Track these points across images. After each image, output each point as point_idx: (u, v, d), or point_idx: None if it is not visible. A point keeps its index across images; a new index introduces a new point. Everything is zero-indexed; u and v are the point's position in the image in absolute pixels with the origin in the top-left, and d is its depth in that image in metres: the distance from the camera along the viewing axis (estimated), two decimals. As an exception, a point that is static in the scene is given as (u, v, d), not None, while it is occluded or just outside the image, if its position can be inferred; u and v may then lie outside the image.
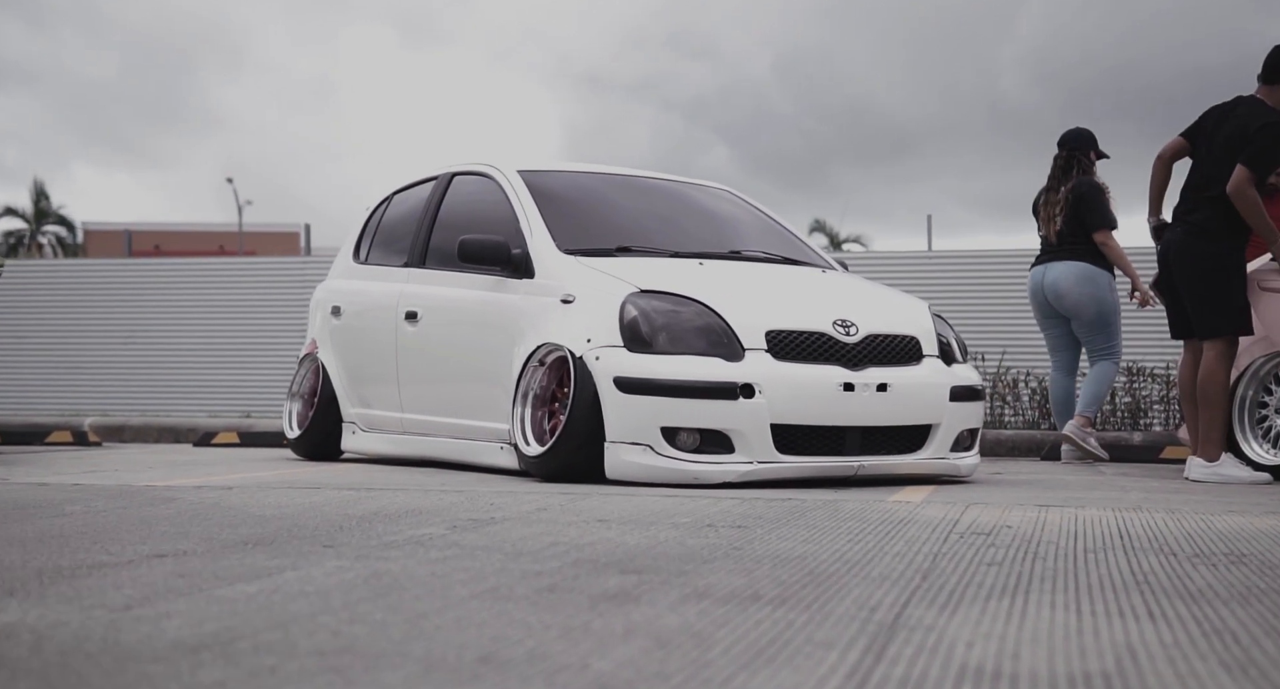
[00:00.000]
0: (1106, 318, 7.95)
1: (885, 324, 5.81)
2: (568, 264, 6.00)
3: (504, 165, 6.69)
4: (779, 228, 6.99)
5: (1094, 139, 8.21)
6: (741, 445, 5.41)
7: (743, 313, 5.57)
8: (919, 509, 4.51)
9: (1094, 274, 7.90)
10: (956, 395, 5.86)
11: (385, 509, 4.32)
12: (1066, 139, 8.20)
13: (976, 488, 5.66)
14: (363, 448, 7.26)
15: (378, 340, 7.08)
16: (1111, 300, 7.96)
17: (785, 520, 4.08)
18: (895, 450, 5.74)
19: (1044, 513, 4.39)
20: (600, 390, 5.48)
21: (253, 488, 5.22)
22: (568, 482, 5.62)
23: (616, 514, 4.21)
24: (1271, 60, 6.31)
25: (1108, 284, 7.92)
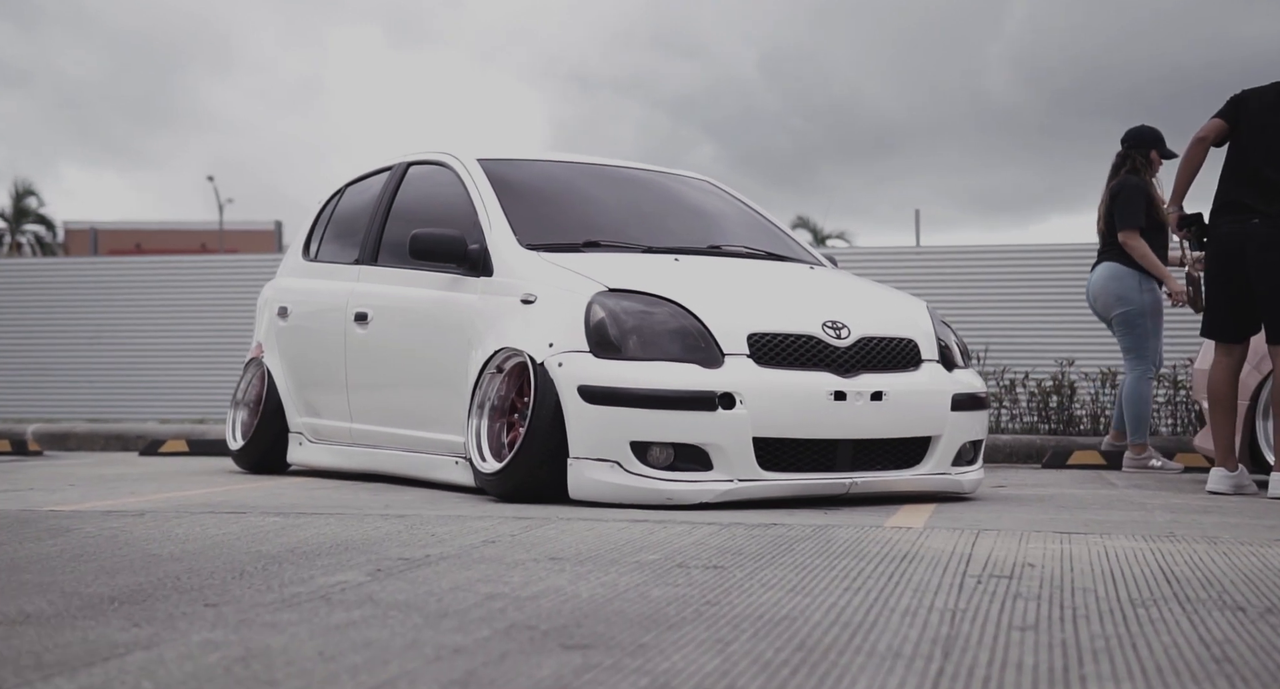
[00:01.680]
0: (1131, 320, 7.47)
1: (880, 326, 5.24)
2: (529, 260, 5.41)
3: (463, 153, 6.10)
4: (763, 221, 6.41)
5: (1155, 138, 7.70)
6: (720, 461, 4.83)
7: (722, 314, 4.99)
8: (923, 538, 3.94)
9: (1122, 274, 7.48)
10: (959, 404, 5.29)
11: (306, 543, 3.73)
12: (1125, 137, 7.77)
13: (982, 507, 5.09)
14: (310, 460, 6.67)
15: (326, 344, 6.49)
16: (1140, 301, 7.46)
17: (769, 556, 3.50)
18: (891, 465, 5.16)
19: (1067, 544, 3.82)
20: (563, 400, 4.90)
21: (169, 513, 4.63)
22: (527, 501, 5.03)
23: (574, 549, 3.63)
24: None
25: (1136, 285, 7.46)
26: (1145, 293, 7.45)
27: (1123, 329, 7.52)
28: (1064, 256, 10.52)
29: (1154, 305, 7.46)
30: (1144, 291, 7.45)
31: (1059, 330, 10.43)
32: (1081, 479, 6.86)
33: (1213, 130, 5.92)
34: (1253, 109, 5.89)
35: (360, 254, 6.45)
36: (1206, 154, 5.99)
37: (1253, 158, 5.84)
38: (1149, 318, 7.46)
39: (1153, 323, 7.48)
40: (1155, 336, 7.51)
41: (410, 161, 6.45)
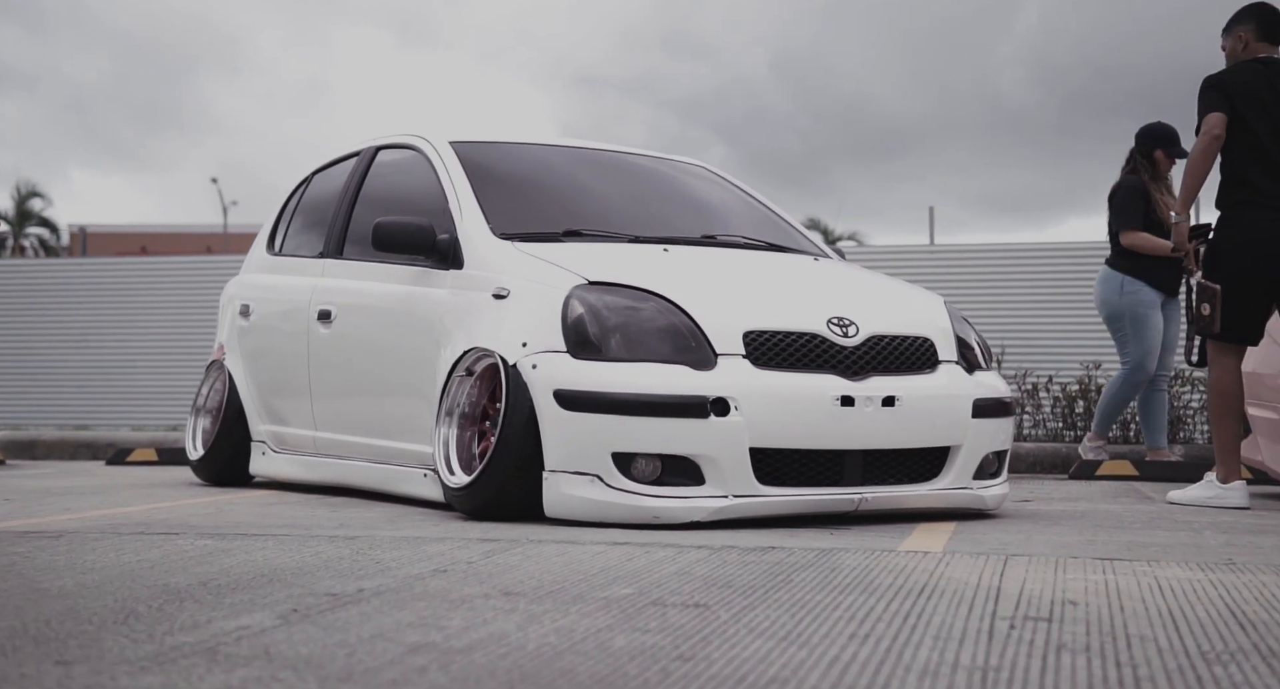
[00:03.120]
0: (1111, 322, 7.41)
1: (892, 323, 4.71)
2: (502, 251, 4.89)
3: (434, 136, 5.58)
4: (764, 210, 5.89)
5: (1161, 136, 7.40)
6: (713, 475, 4.30)
7: (715, 310, 4.47)
8: (942, 566, 3.41)
9: (1107, 276, 7.38)
10: (981, 410, 4.76)
11: (227, 574, 3.21)
12: (1136, 135, 7.50)
13: (1008, 527, 4.56)
14: (273, 472, 6.15)
15: (288, 345, 5.98)
16: (1117, 304, 7.32)
17: (763, 590, 2.97)
18: (905, 479, 4.63)
19: (1111, 574, 3.29)
20: (537, 406, 4.38)
21: (92, 535, 4.11)
22: (498, 519, 4.51)
23: (535, 580, 3.11)
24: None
25: (1117, 287, 7.32)
26: (1125, 296, 7.32)
27: (1110, 331, 7.51)
28: (1086, 254, 9.99)
29: (1133, 308, 7.30)
30: (1124, 295, 7.32)
31: (1083, 332, 9.90)
32: (1114, 492, 6.31)
33: (1221, 124, 5.44)
34: (1241, 93, 5.47)
35: (325, 247, 5.94)
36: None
37: (1267, 143, 5.43)
38: (1127, 321, 7.32)
39: (1132, 327, 7.31)
40: (1138, 341, 7.31)
41: (379, 145, 5.94)
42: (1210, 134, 5.40)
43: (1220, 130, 5.41)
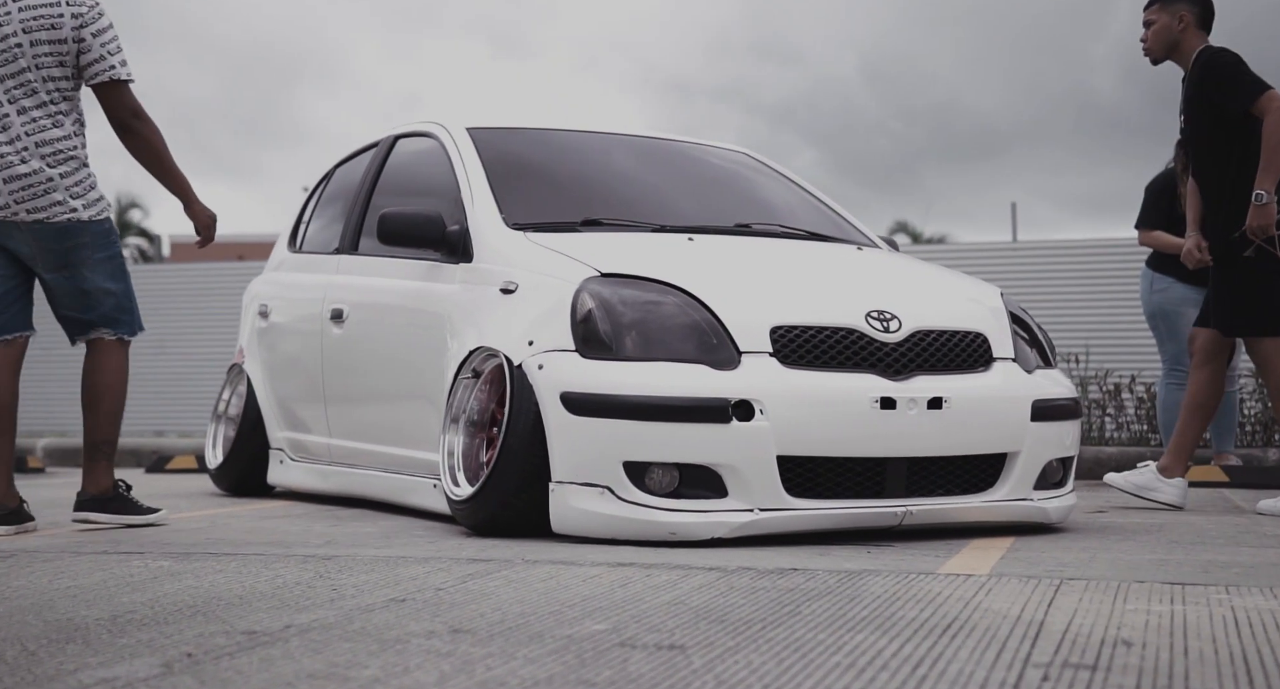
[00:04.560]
0: (1150, 321, 7.06)
1: (940, 316, 4.23)
2: (512, 242, 4.47)
3: (451, 123, 5.18)
4: (807, 197, 5.41)
5: None
6: (736, 486, 3.85)
7: (739, 303, 4.02)
8: (983, 593, 2.93)
9: (1143, 273, 7.07)
10: (1042, 413, 4.26)
11: (149, 605, 2.83)
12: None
13: (1072, 542, 4.05)
14: (290, 481, 5.79)
15: (304, 347, 5.61)
16: (1149, 302, 6.98)
17: (759, 626, 2.52)
18: (955, 489, 4.14)
19: (1180, 604, 2.79)
20: (544, 411, 3.96)
21: (45, 554, 3.76)
22: (503, 534, 4.10)
23: (498, 613, 2.68)
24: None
25: (1148, 286, 6.99)
26: (1155, 294, 6.95)
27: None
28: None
29: (1163, 306, 6.91)
30: (1154, 292, 6.95)
31: (1170, 329, 9.27)
32: (1201, 501, 5.74)
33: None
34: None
35: (340, 242, 5.56)
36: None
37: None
38: (1158, 320, 6.95)
39: (1165, 324, 6.93)
40: (1172, 339, 6.92)
41: (398, 134, 5.55)
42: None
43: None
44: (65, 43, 4.33)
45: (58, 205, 4.34)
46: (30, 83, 4.32)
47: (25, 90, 4.32)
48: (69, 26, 4.33)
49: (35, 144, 4.31)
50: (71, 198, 4.36)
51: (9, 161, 4.31)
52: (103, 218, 4.41)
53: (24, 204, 4.33)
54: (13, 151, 4.31)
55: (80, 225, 4.38)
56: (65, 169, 4.35)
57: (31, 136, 4.31)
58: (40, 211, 4.33)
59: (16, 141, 4.31)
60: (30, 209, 4.33)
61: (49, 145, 4.33)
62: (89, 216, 4.40)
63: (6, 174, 4.30)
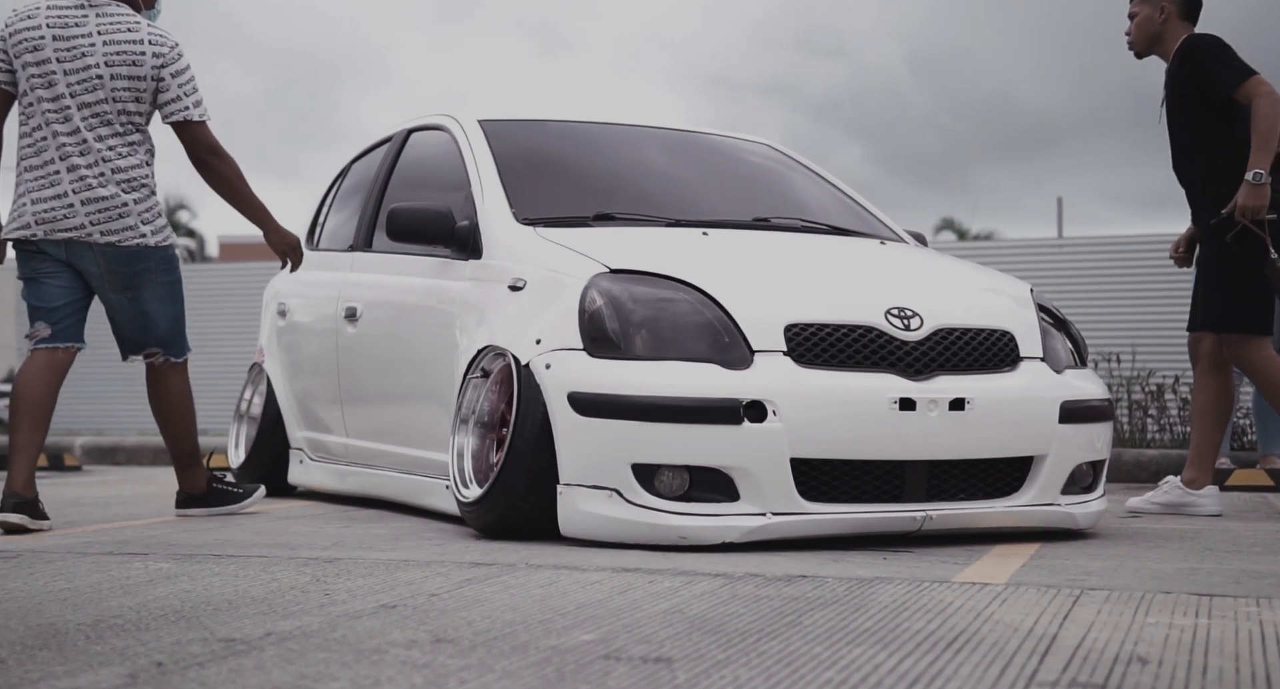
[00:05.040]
0: None
1: (964, 313, 4.10)
2: (522, 237, 4.38)
3: (463, 115, 5.09)
4: (832, 190, 5.28)
5: None
6: (748, 490, 3.74)
7: (753, 299, 3.90)
8: (997, 603, 2.81)
9: None
10: (1071, 415, 4.12)
11: (135, 609, 2.75)
12: None
13: (1099, 549, 3.92)
14: (309, 482, 5.72)
15: (319, 346, 5.54)
16: None
17: (755, 637, 2.42)
18: (980, 494, 4.01)
19: (1205, 618, 2.66)
20: (551, 411, 3.86)
21: (50, 555, 3.70)
22: (511, 538, 4.00)
23: (488, 621, 2.58)
24: None
25: None
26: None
27: None
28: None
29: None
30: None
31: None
32: (1243, 506, 5.57)
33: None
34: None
35: (355, 238, 5.49)
36: None
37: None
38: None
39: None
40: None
41: (411, 128, 5.46)
42: (1275, 92, 4.79)
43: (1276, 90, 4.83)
44: (144, 80, 4.48)
45: (129, 230, 4.50)
46: (106, 114, 4.46)
47: (101, 119, 4.46)
48: (149, 65, 4.47)
49: (112, 170, 4.46)
50: (142, 224, 4.51)
51: (89, 184, 4.44)
52: (167, 244, 4.60)
53: (98, 226, 4.46)
54: (92, 175, 4.44)
55: (148, 250, 4.54)
56: (138, 195, 4.50)
57: (109, 162, 4.46)
58: (113, 234, 4.48)
59: (95, 166, 4.44)
60: (104, 231, 4.47)
61: (123, 172, 4.48)
62: (156, 242, 4.56)
63: (85, 196, 4.44)
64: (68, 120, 4.43)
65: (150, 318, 4.63)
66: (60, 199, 4.43)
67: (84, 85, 4.44)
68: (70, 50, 4.44)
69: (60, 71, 4.43)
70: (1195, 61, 4.90)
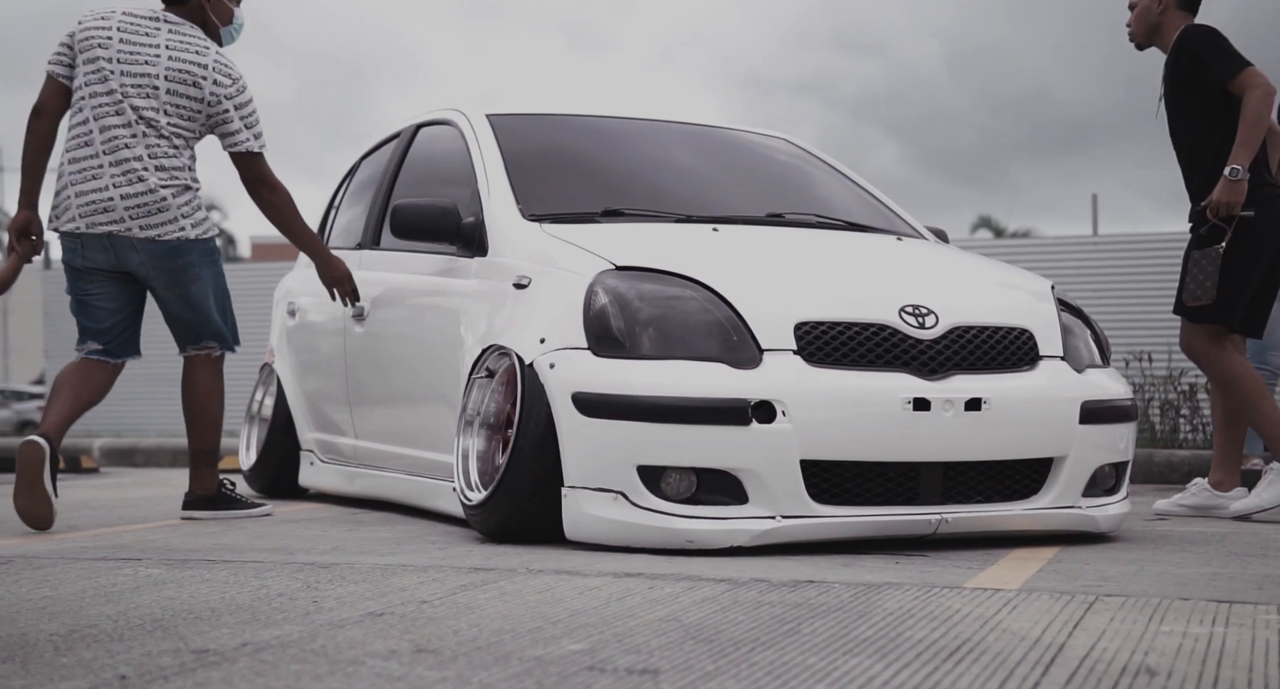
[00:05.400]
0: None
1: (981, 311, 3.98)
2: (528, 234, 4.29)
3: (471, 109, 5.01)
4: (850, 186, 5.17)
5: None
6: (758, 492, 3.64)
7: (762, 297, 3.80)
8: (1006, 610, 2.70)
9: None
10: (1092, 415, 4.00)
11: (111, 619, 2.67)
12: None
13: (1120, 553, 3.80)
14: (320, 484, 5.65)
15: (329, 346, 5.47)
16: None
17: (749, 647, 2.32)
18: (997, 496, 3.90)
19: (1222, 626, 2.55)
20: (555, 412, 3.77)
21: (40, 560, 3.63)
22: (516, 541, 3.91)
23: (475, 630, 2.49)
24: None
25: None
26: None
27: None
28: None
29: None
30: None
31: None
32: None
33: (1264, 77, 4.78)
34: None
35: (362, 236, 5.41)
36: None
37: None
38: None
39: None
40: None
41: (420, 123, 5.39)
42: (1270, 86, 4.71)
43: (1270, 85, 4.73)
44: (200, 101, 4.57)
45: (169, 224, 4.54)
46: (155, 121, 4.52)
47: (148, 123, 4.52)
48: (208, 90, 4.56)
49: (155, 167, 4.51)
50: (182, 217, 4.55)
51: (129, 178, 4.49)
52: (209, 237, 4.63)
53: (137, 220, 4.51)
54: (134, 171, 4.49)
55: (189, 244, 4.59)
56: (175, 190, 4.54)
57: (153, 159, 4.51)
58: (152, 229, 4.52)
59: (137, 161, 4.49)
60: (143, 225, 4.52)
61: (165, 171, 4.53)
62: (196, 235, 4.59)
63: (125, 191, 4.49)
64: (118, 115, 4.49)
65: (203, 311, 4.71)
66: (101, 192, 4.48)
67: (138, 89, 4.51)
68: (133, 55, 4.52)
69: (118, 71, 4.50)
70: (1190, 53, 4.82)
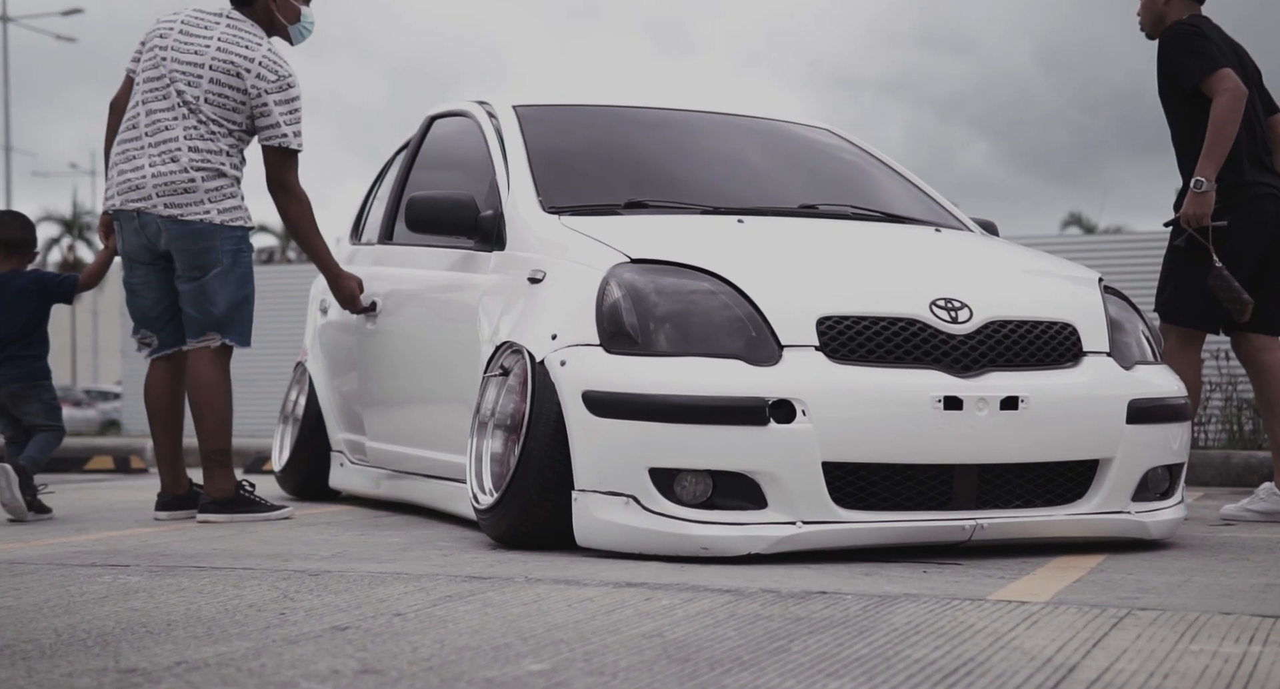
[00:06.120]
0: None
1: (1019, 304, 3.73)
2: (546, 226, 4.09)
3: (498, 100, 4.82)
4: (893, 176, 4.92)
5: None
6: (776, 497, 3.41)
7: (783, 290, 3.58)
8: (1022, 628, 2.46)
9: None
10: (1141, 414, 3.73)
11: (54, 632, 2.52)
12: None
13: (1169, 562, 3.53)
14: (349, 485, 5.50)
15: (352, 344, 5.32)
16: None
17: (727, 668, 2.11)
18: (1038, 500, 3.64)
19: (1257, 645, 2.29)
20: (566, 412, 3.57)
21: (25, 565, 3.49)
22: (526, 547, 3.72)
23: (435, 649, 2.30)
24: None
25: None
26: None
27: None
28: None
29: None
30: None
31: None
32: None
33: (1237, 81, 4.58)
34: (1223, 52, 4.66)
35: (381, 230, 5.27)
36: None
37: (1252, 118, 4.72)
38: None
39: None
40: None
41: (434, 114, 5.22)
42: (1236, 90, 4.52)
43: (1240, 87, 4.54)
44: (243, 93, 4.56)
45: (194, 206, 4.54)
46: (198, 108, 4.55)
47: (191, 109, 4.55)
48: (250, 82, 4.55)
49: (189, 148, 4.53)
50: (209, 201, 4.54)
51: (164, 158, 4.53)
52: (236, 225, 4.58)
53: (164, 197, 4.53)
54: (170, 150, 4.53)
55: (213, 228, 4.55)
56: (206, 175, 4.54)
57: (188, 140, 4.54)
58: (175, 208, 4.53)
59: (174, 142, 4.54)
60: (168, 203, 4.53)
61: (199, 153, 4.54)
62: (221, 221, 4.56)
63: (158, 169, 4.53)
64: (164, 99, 4.56)
65: (212, 300, 4.60)
66: (137, 171, 4.55)
67: (185, 76, 4.56)
68: (187, 44, 4.59)
69: (169, 58, 4.58)
70: (1166, 50, 4.68)
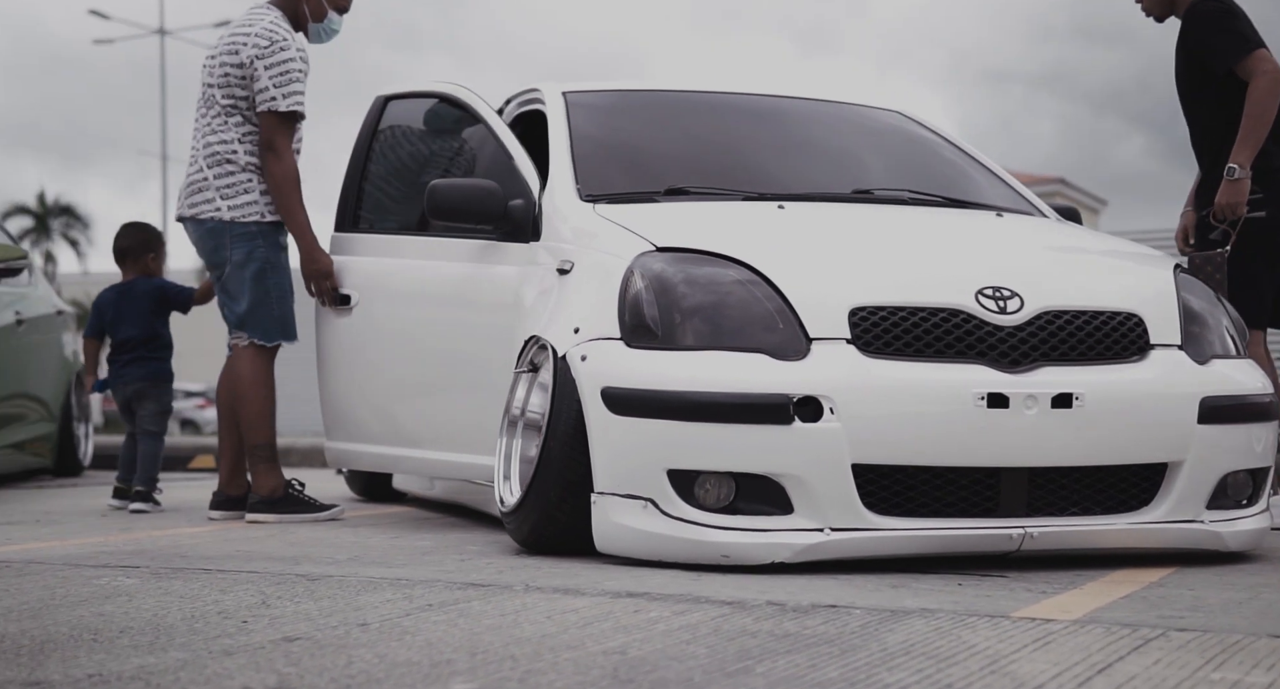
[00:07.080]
0: None
1: (1078, 293, 3.44)
2: (579, 214, 3.90)
3: (548, 87, 4.62)
4: (964, 159, 4.62)
5: None
6: (803, 501, 3.18)
7: (814, 279, 3.34)
8: (1028, 652, 2.21)
9: None
10: (1215, 413, 3.41)
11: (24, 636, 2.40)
12: None
13: (1241, 578, 3.22)
14: (408, 486, 5.38)
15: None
16: None
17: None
18: (1097, 508, 3.35)
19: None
20: (585, 409, 3.37)
21: (37, 564, 3.40)
22: (548, 551, 3.53)
23: (373, 663, 2.13)
24: None
25: None
26: None
27: None
28: None
29: None
30: None
31: None
32: None
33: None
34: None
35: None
36: None
37: None
38: None
39: None
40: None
41: None
42: (1278, 69, 4.18)
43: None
44: (243, 67, 4.51)
45: (206, 204, 4.52)
46: (215, 98, 4.55)
47: (207, 100, 4.59)
48: (246, 54, 4.49)
49: (203, 144, 4.55)
50: (220, 198, 4.51)
51: (191, 160, 4.60)
52: (247, 220, 4.51)
53: (186, 200, 4.58)
54: (194, 149, 4.59)
55: (223, 226, 4.52)
56: (220, 171, 4.51)
57: (204, 137, 4.56)
58: (193, 209, 4.55)
59: (196, 142, 4.59)
60: (189, 204, 4.57)
61: (211, 148, 4.53)
62: (231, 217, 4.50)
63: (188, 171, 4.61)
64: (203, 104, 4.62)
65: (230, 295, 4.57)
66: (185, 178, 4.63)
67: (208, 71, 4.60)
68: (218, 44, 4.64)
69: (210, 62, 4.63)
70: (1196, 31, 4.32)
